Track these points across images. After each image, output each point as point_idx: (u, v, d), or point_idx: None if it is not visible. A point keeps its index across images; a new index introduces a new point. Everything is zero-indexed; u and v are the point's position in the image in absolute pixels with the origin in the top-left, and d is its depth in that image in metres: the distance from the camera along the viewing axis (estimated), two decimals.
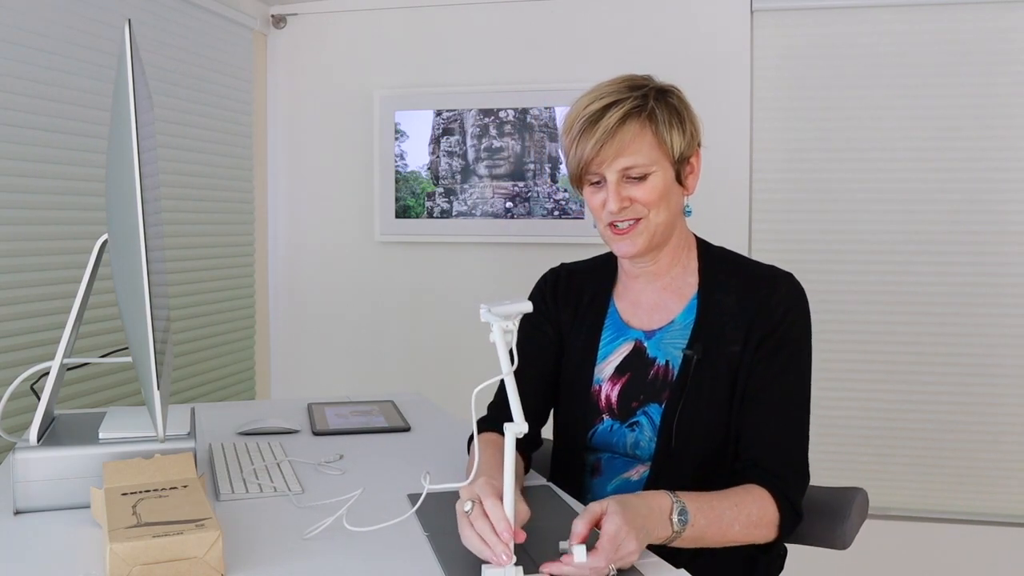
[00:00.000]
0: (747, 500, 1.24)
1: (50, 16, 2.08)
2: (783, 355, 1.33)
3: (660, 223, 1.35)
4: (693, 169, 1.39)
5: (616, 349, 1.43)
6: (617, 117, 1.30)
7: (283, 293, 3.19)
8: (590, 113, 1.32)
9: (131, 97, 1.09)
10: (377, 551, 1.11)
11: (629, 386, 1.40)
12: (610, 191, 1.32)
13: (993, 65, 2.64)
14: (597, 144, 1.30)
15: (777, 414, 1.32)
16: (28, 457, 1.23)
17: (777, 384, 1.32)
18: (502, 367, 1.05)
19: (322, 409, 1.90)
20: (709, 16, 2.82)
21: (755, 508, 1.24)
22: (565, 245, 2.86)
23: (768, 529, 1.26)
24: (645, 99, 1.33)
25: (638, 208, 1.33)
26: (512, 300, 1.13)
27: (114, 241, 1.26)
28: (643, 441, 1.38)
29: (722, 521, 1.20)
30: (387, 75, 3.07)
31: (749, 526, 1.23)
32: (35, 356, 2.00)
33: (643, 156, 1.32)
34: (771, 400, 1.32)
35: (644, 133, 1.32)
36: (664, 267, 1.42)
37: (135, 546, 0.98)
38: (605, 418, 1.42)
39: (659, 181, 1.33)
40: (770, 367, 1.32)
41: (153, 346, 1.10)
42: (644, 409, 1.38)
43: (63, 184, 2.13)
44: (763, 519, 1.24)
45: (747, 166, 2.81)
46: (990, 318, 2.68)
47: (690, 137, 1.36)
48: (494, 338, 1.07)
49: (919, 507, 2.76)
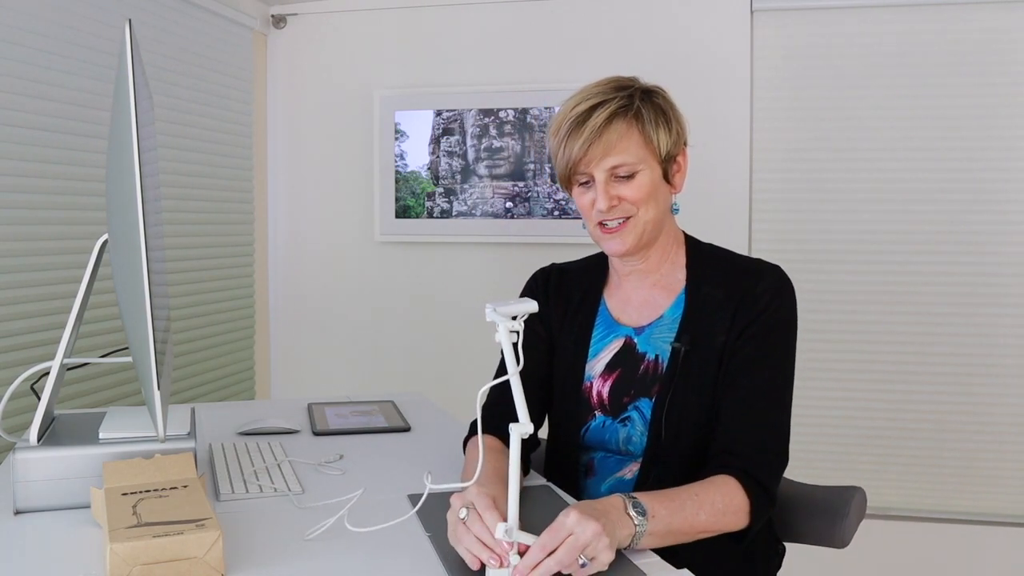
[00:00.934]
0: (709, 490, 1.23)
1: (50, 16, 2.08)
2: (765, 341, 1.34)
3: (649, 220, 1.37)
4: (680, 167, 1.41)
5: (607, 346, 1.45)
6: (604, 117, 1.33)
7: (283, 293, 3.19)
8: (577, 114, 1.34)
9: (131, 97, 1.09)
10: (378, 551, 1.11)
11: (620, 382, 1.42)
12: (599, 190, 1.34)
13: (993, 65, 2.64)
14: (585, 144, 1.32)
15: (753, 398, 1.32)
16: (28, 457, 1.23)
17: (756, 369, 1.33)
18: (508, 367, 1.05)
19: (322, 409, 1.90)
20: (709, 16, 2.82)
21: (719, 496, 1.22)
22: (565, 245, 2.86)
23: (738, 516, 1.24)
24: (631, 99, 1.36)
25: (627, 207, 1.35)
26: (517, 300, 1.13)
27: (114, 241, 1.26)
28: (635, 436, 1.39)
29: (684, 510, 1.18)
30: (387, 75, 3.07)
31: (716, 514, 1.21)
32: (35, 356, 2.00)
33: (630, 155, 1.34)
34: (749, 384, 1.32)
35: (631, 132, 1.34)
36: (654, 264, 1.44)
37: (135, 546, 0.98)
38: (597, 414, 1.43)
39: (646, 179, 1.35)
40: (751, 352, 1.33)
41: (153, 346, 1.10)
42: (635, 404, 1.39)
43: (63, 184, 2.13)
44: (730, 506, 1.23)
45: (747, 166, 2.81)
46: (990, 318, 2.68)
47: (676, 136, 1.38)
48: (500, 338, 1.07)
49: (919, 507, 2.76)
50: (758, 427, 1.31)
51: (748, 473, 1.26)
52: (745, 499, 1.25)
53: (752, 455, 1.28)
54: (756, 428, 1.31)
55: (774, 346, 1.35)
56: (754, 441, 1.30)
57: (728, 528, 1.24)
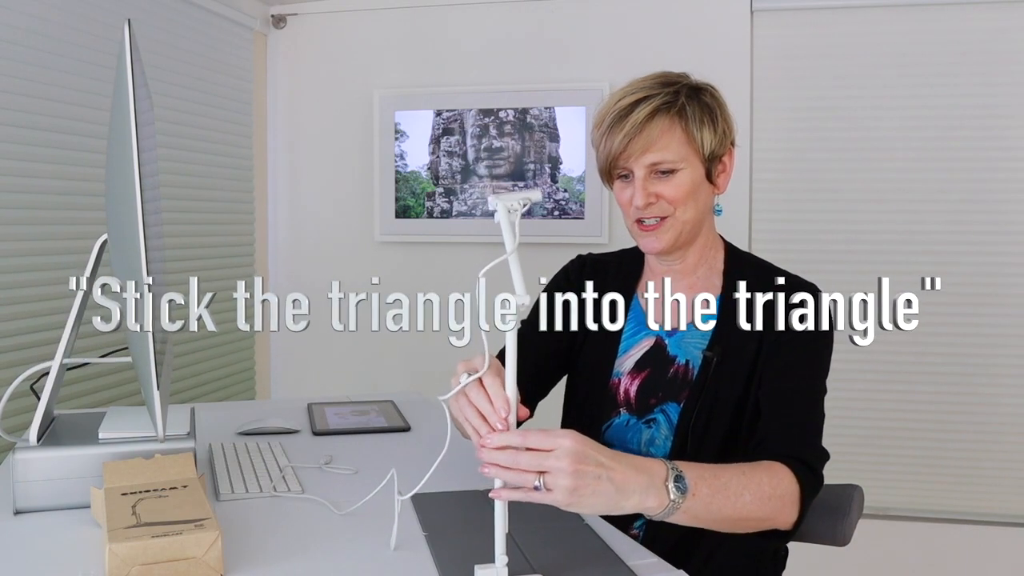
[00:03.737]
0: (757, 470, 1.17)
1: (50, 16, 2.08)
2: (798, 348, 1.32)
3: (688, 220, 1.35)
4: (725, 168, 1.39)
5: (637, 343, 1.43)
6: (646, 112, 1.31)
7: (283, 293, 3.19)
8: (620, 108, 1.33)
9: (131, 97, 1.09)
10: (376, 551, 1.11)
11: (648, 382, 1.39)
12: (637, 186, 1.32)
13: (993, 65, 2.64)
14: (625, 138, 1.31)
15: (794, 399, 1.30)
16: (28, 457, 1.23)
17: (796, 372, 1.31)
18: (507, 246, 1.02)
19: (322, 409, 1.90)
20: (709, 16, 2.81)
21: (766, 478, 1.17)
22: (565, 245, 2.86)
23: (784, 504, 1.17)
24: (676, 95, 1.34)
25: (664, 205, 1.33)
26: (522, 191, 1.11)
27: (114, 241, 1.26)
28: (658, 439, 1.37)
29: (728, 489, 1.12)
30: (387, 75, 3.07)
31: (762, 498, 1.15)
32: (35, 356, 2.00)
33: (671, 152, 1.32)
34: (789, 387, 1.31)
35: (673, 129, 1.32)
36: (691, 266, 1.42)
37: (134, 546, 0.98)
38: (622, 412, 1.41)
39: (687, 178, 1.33)
40: (786, 358, 1.32)
41: (153, 346, 1.10)
42: (662, 407, 1.38)
43: (63, 184, 2.13)
44: (777, 490, 1.17)
45: (747, 166, 2.81)
46: (990, 318, 2.68)
47: (722, 135, 1.36)
48: (499, 218, 1.04)
49: (919, 507, 2.76)
50: (801, 422, 1.30)
51: (797, 458, 1.22)
52: (795, 485, 1.19)
53: (798, 441, 1.26)
54: (799, 423, 1.29)
55: (812, 354, 1.33)
56: (798, 431, 1.28)
57: (775, 516, 1.18)
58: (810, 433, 1.30)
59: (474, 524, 1.18)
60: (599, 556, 1.09)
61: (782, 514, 1.18)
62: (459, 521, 1.21)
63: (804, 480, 1.20)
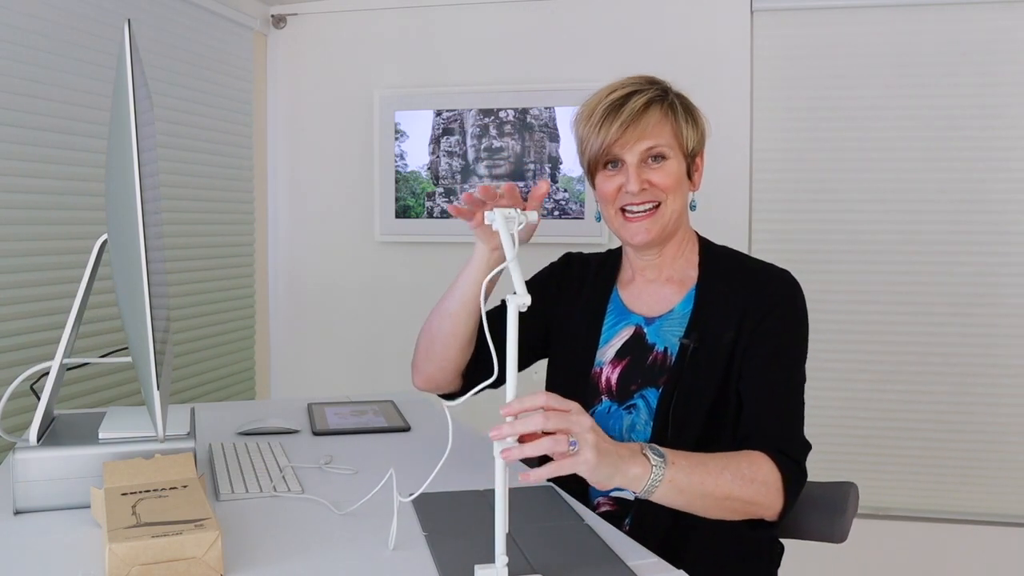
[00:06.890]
0: (737, 456, 1.23)
1: (50, 16, 2.08)
2: (780, 339, 1.35)
3: (675, 210, 1.40)
4: (699, 167, 1.46)
5: (617, 333, 1.47)
6: (642, 102, 1.37)
7: (283, 293, 3.19)
8: (613, 100, 1.38)
9: (131, 97, 1.09)
10: (375, 551, 1.11)
11: (628, 370, 1.43)
12: (631, 173, 1.36)
13: (993, 65, 2.64)
14: (622, 126, 1.35)
15: (774, 391, 1.33)
16: (28, 457, 1.23)
17: (774, 365, 1.34)
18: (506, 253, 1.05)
19: (322, 409, 1.90)
20: (709, 16, 2.81)
21: (745, 462, 1.22)
22: (565, 245, 2.84)
23: (768, 489, 1.22)
24: (665, 92, 1.41)
25: (656, 192, 1.38)
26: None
27: (114, 241, 1.26)
28: (639, 424, 1.40)
29: (707, 466, 1.17)
30: (387, 75, 3.07)
31: (743, 479, 1.19)
32: (35, 356, 2.00)
33: (664, 139, 1.37)
34: (768, 380, 1.33)
35: (666, 120, 1.38)
36: (668, 260, 1.46)
37: (134, 546, 0.98)
38: (604, 399, 1.44)
39: (675, 167, 1.39)
40: (767, 350, 1.35)
41: (153, 346, 1.10)
42: (642, 392, 1.41)
43: (63, 184, 2.13)
44: (758, 475, 1.21)
45: (747, 166, 2.81)
46: (990, 318, 2.68)
47: (700, 135, 1.43)
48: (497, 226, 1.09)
49: (918, 507, 2.76)
50: (781, 415, 1.32)
51: (778, 449, 1.26)
52: (776, 473, 1.23)
53: (779, 435, 1.29)
54: (780, 416, 1.32)
55: (789, 345, 1.36)
56: (779, 425, 1.31)
57: (759, 500, 1.21)
58: (790, 425, 1.32)
59: (474, 524, 1.18)
60: (599, 556, 1.10)
61: (767, 499, 1.22)
62: (459, 521, 1.21)
63: (786, 469, 1.24)
